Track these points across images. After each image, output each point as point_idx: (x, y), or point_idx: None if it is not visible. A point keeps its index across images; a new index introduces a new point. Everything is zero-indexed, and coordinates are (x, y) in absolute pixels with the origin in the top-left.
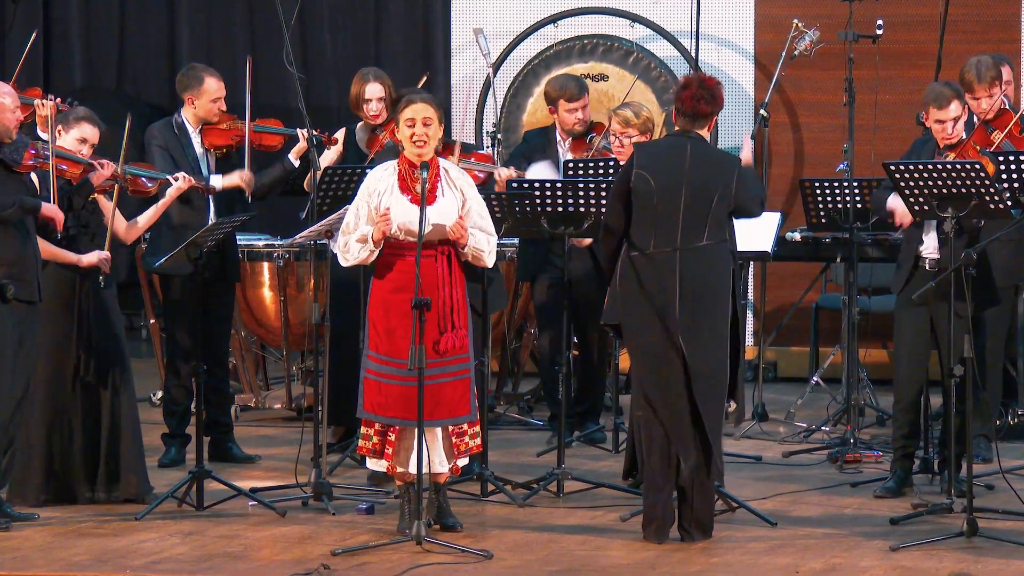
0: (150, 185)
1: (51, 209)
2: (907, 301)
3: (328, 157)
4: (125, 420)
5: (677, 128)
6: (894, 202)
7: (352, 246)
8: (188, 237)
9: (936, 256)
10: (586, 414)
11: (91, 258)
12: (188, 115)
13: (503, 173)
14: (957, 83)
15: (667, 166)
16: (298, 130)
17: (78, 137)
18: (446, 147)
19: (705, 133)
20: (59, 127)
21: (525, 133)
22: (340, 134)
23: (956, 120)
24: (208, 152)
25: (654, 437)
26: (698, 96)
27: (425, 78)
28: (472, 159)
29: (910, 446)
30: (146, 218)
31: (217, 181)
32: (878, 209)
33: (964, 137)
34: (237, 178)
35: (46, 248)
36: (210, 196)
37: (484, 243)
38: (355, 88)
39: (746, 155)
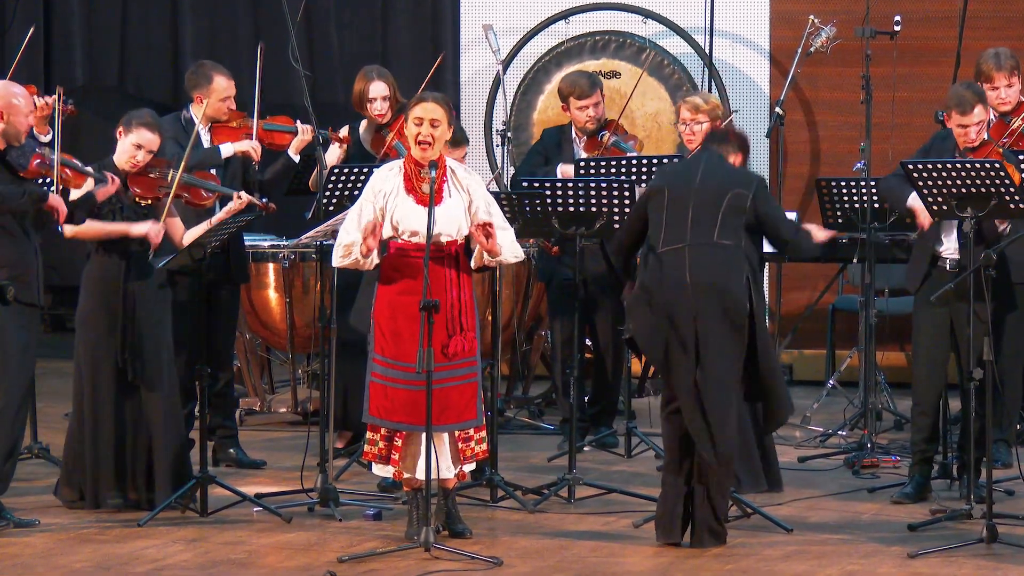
0: (208, 196)
1: (56, 200)
2: (926, 302)
3: (333, 154)
4: (168, 428)
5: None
6: (915, 202)
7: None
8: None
9: (956, 256)
10: (599, 417)
11: (142, 228)
12: (197, 113)
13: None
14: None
15: (682, 173)
16: (300, 124)
17: (135, 142)
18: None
19: (728, 155)
20: (119, 128)
21: (543, 131)
22: (344, 131)
23: (980, 124)
24: None
25: (673, 435)
26: (732, 127)
27: (440, 59)
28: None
29: (929, 451)
30: (196, 232)
31: (227, 149)
32: (893, 201)
33: (986, 139)
34: (247, 145)
35: (95, 226)
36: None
37: (510, 245)
38: (358, 86)
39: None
